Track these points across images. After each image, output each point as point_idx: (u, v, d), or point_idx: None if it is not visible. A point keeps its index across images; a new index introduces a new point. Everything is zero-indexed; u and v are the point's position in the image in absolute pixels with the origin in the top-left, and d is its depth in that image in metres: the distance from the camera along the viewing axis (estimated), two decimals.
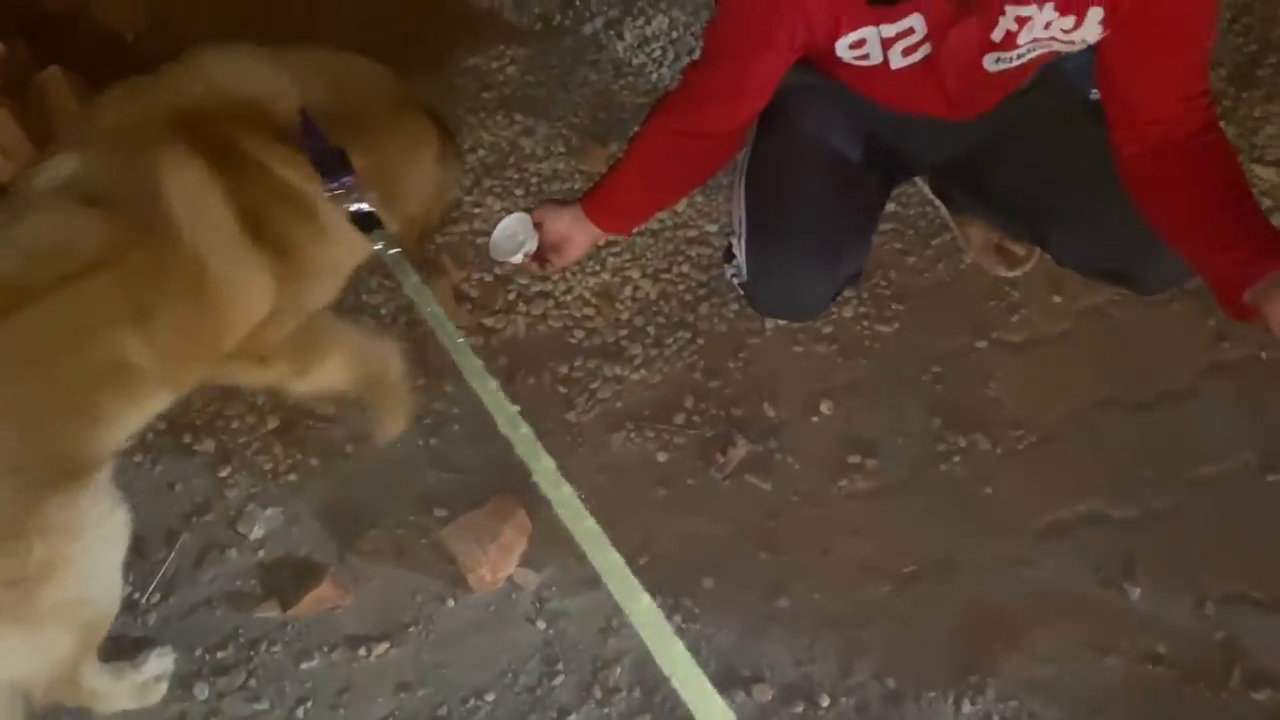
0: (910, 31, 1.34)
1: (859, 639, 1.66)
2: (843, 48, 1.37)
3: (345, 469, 1.93)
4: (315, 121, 1.49)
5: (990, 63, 1.38)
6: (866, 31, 1.34)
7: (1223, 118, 1.99)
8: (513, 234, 1.60)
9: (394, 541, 1.83)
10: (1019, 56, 1.36)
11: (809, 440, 1.87)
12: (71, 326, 1.33)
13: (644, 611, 0.87)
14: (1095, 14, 1.27)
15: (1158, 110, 1.33)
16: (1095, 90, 1.43)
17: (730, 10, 1.41)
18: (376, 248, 1.47)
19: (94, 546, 1.39)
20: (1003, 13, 1.28)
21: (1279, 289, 1.16)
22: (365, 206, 1.50)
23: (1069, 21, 1.29)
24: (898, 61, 1.38)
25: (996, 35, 1.31)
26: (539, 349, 2.01)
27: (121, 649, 1.70)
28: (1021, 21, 1.29)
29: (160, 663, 1.71)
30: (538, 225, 1.61)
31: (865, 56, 1.38)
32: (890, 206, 2.08)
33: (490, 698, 1.66)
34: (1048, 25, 1.29)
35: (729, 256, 1.71)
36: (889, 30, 1.34)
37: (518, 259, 1.61)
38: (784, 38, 1.38)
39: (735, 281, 1.70)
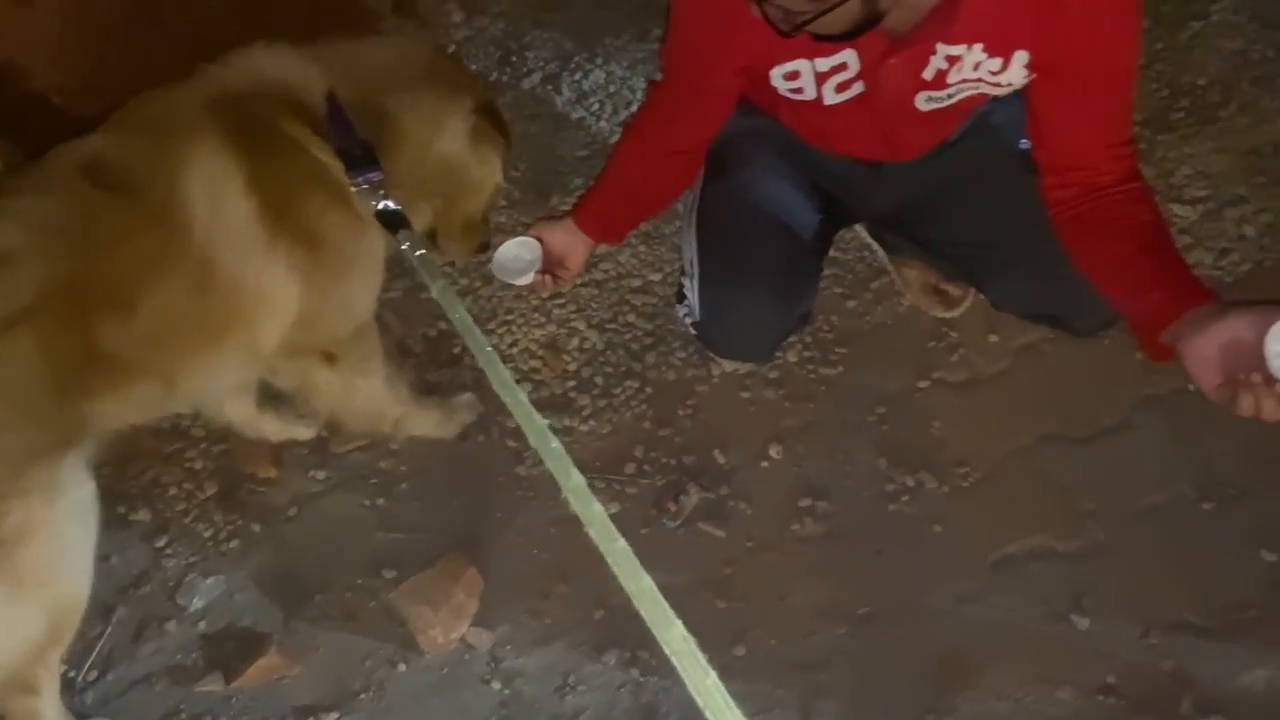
0: (843, 67, 1.37)
1: (818, 683, 1.66)
2: (777, 77, 1.41)
3: (289, 533, 1.89)
4: (344, 111, 1.49)
5: (922, 102, 1.42)
6: (800, 63, 1.38)
7: (1141, 160, 2.07)
8: (515, 256, 1.61)
9: (342, 605, 1.79)
10: (949, 96, 1.40)
11: (760, 485, 1.88)
12: (49, 306, 1.32)
13: (677, 639, 0.82)
14: (1021, 57, 1.32)
15: (1082, 157, 1.38)
16: (1025, 141, 1.49)
17: (678, 29, 1.45)
18: (403, 248, 1.46)
19: (68, 515, 1.40)
20: (934, 51, 1.32)
21: (1191, 329, 1.16)
22: (390, 204, 1.50)
23: (996, 63, 1.33)
24: (831, 97, 1.41)
25: (928, 74, 1.36)
26: (487, 403, 1.99)
27: None
28: (952, 61, 1.33)
29: None
30: (538, 243, 1.63)
31: (800, 90, 1.42)
32: (833, 252, 2.12)
33: None
34: (976, 66, 1.34)
35: (680, 298, 1.73)
36: (822, 64, 1.37)
37: (528, 278, 1.62)
38: (728, 56, 1.41)
39: (688, 322, 1.72)
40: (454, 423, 1.94)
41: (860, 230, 2.10)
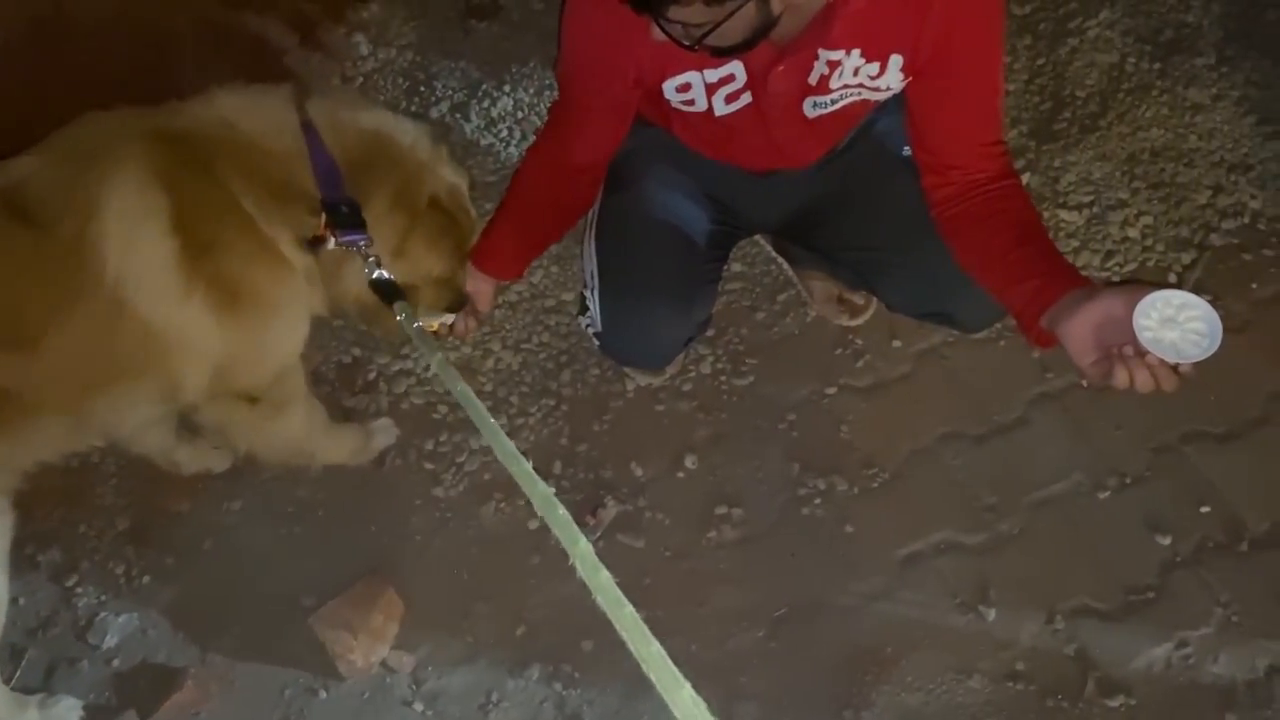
0: (731, 78, 1.43)
1: (738, 686, 1.69)
2: (670, 90, 1.45)
3: (204, 566, 1.86)
4: (333, 165, 1.44)
5: (809, 107, 1.47)
6: (691, 75, 1.43)
7: (1027, 169, 2.19)
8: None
9: (259, 636, 1.77)
10: (833, 102, 1.46)
11: (676, 495, 1.91)
12: None
13: (686, 702, 0.83)
14: (896, 61, 1.39)
15: (957, 155, 1.45)
16: (907, 148, 1.56)
17: (570, 47, 1.48)
18: (399, 318, 1.44)
19: None
20: (816, 57, 1.38)
21: (1067, 312, 1.22)
22: (384, 274, 1.48)
23: (874, 68, 1.40)
24: (721, 108, 1.47)
25: (812, 79, 1.41)
26: (403, 427, 1.99)
27: None
28: (833, 66, 1.39)
29: None
30: None
31: (691, 102, 1.47)
32: (736, 266, 2.17)
33: None
34: (856, 71, 1.40)
35: (583, 309, 1.76)
36: (712, 75, 1.42)
37: (437, 324, 1.65)
38: (621, 71, 1.45)
39: (590, 331, 1.75)
40: (371, 448, 1.94)
41: (765, 244, 2.16)
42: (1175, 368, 1.12)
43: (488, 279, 1.68)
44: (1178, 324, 1.11)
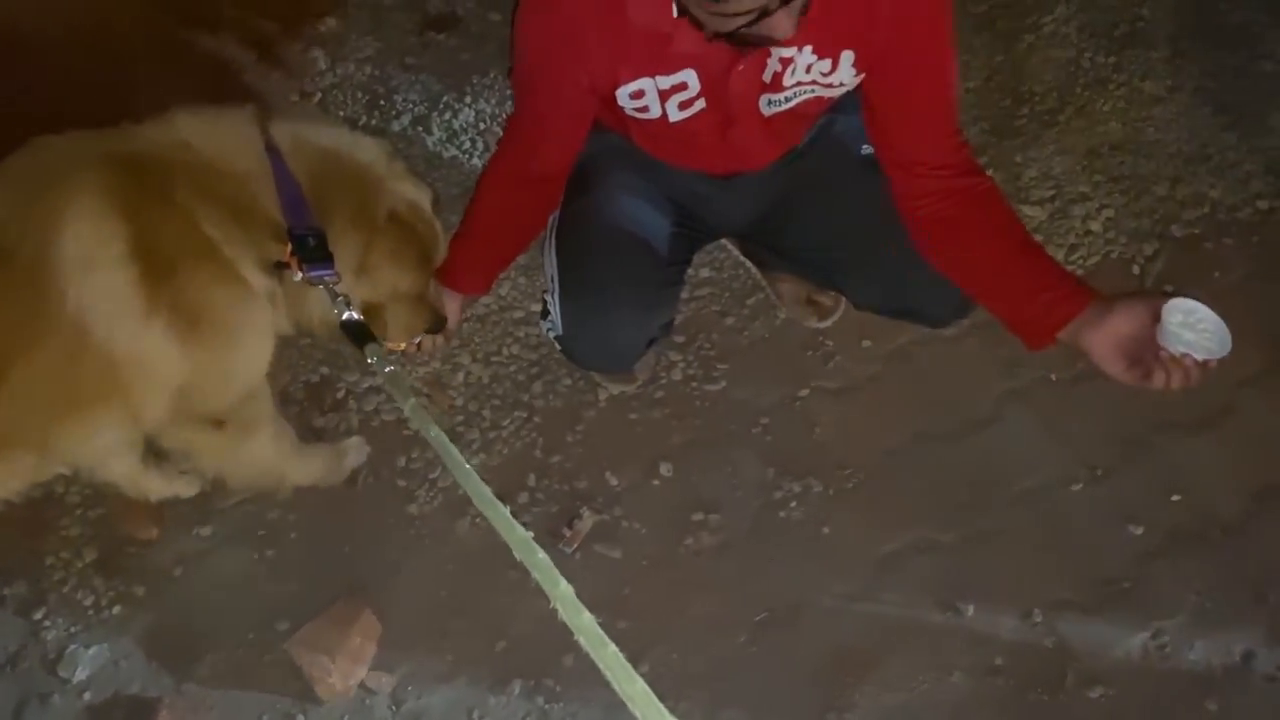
0: (684, 86, 1.43)
1: (722, 693, 1.69)
2: (623, 97, 1.45)
3: (175, 594, 1.83)
4: (298, 192, 1.42)
5: (765, 106, 1.48)
6: (644, 82, 1.42)
7: (989, 165, 2.20)
8: None
9: (235, 663, 1.74)
10: (788, 100, 1.46)
11: (653, 504, 1.90)
12: None
13: None
14: (848, 57, 1.40)
15: (918, 150, 1.46)
16: (866, 147, 1.57)
17: (524, 56, 1.47)
18: (370, 361, 1.42)
19: None
20: (769, 55, 1.38)
21: (1090, 327, 1.31)
22: (354, 315, 1.46)
23: (826, 64, 1.41)
24: (675, 114, 1.46)
25: (766, 77, 1.42)
26: (375, 444, 1.97)
27: None
28: (785, 63, 1.39)
29: None
30: None
31: (645, 109, 1.46)
32: (705, 272, 2.17)
33: None
34: (809, 68, 1.41)
35: (545, 313, 1.75)
36: (664, 82, 1.42)
37: (406, 344, 1.63)
38: (574, 79, 1.44)
39: (551, 335, 1.75)
40: (342, 468, 1.91)
41: (732, 249, 2.16)
42: (1204, 364, 1.24)
43: (454, 295, 1.67)
44: (1193, 328, 1.23)
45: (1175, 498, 1.81)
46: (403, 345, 1.66)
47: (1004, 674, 1.69)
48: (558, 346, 1.75)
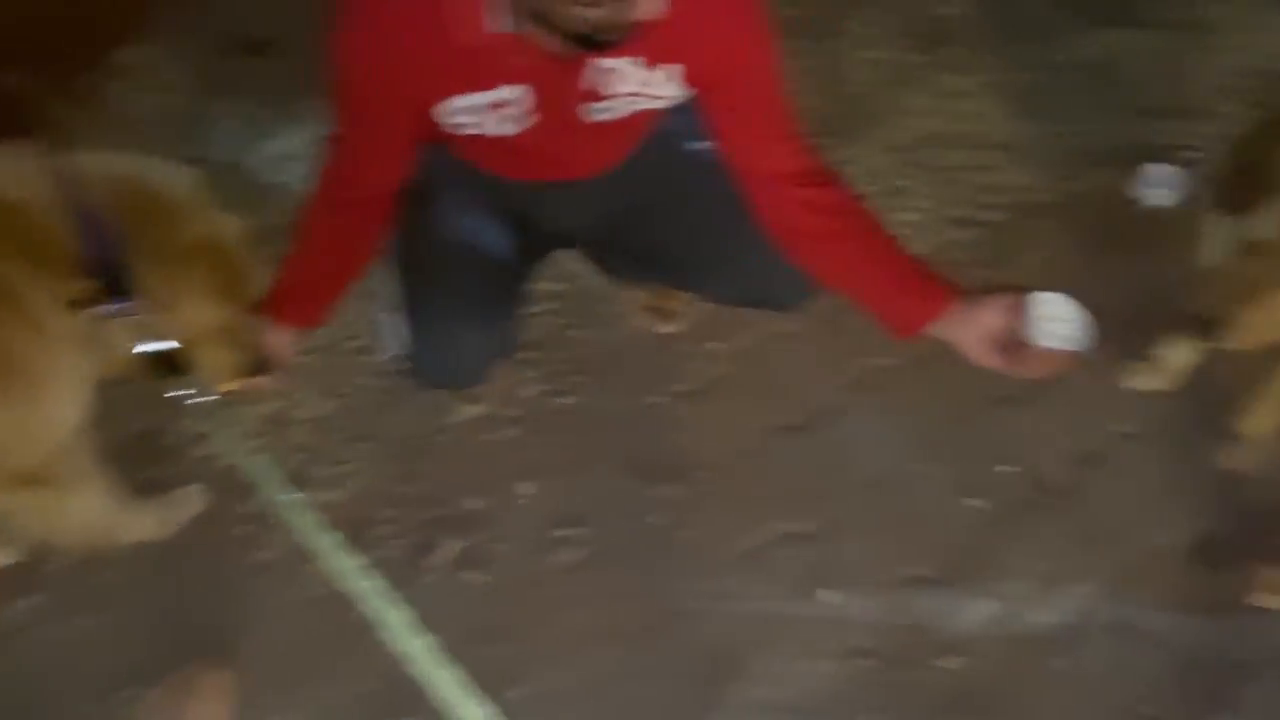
0: (509, 101, 1.41)
1: (600, 708, 1.68)
2: (448, 114, 1.42)
3: (3, 670, 1.69)
4: (96, 224, 1.32)
5: (593, 115, 1.47)
6: (468, 98, 1.40)
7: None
8: None
9: None
10: (615, 110, 1.47)
11: (516, 523, 1.88)
12: None
13: None
14: (675, 71, 1.41)
15: (764, 163, 1.49)
16: (699, 143, 1.59)
17: (340, 76, 1.42)
18: (173, 394, 1.33)
19: None
20: (596, 65, 1.38)
21: (958, 323, 1.39)
22: (163, 345, 1.36)
23: (654, 77, 1.41)
24: (503, 129, 1.44)
25: (593, 87, 1.41)
26: (212, 491, 1.87)
27: None
28: (611, 74, 1.39)
29: None
30: None
31: (470, 124, 1.44)
32: (552, 285, 2.16)
33: None
34: (638, 80, 1.41)
35: (384, 335, 1.70)
36: (489, 97, 1.40)
37: (236, 385, 1.55)
38: (392, 97, 1.40)
39: (390, 355, 1.70)
40: (178, 519, 1.81)
41: (578, 260, 2.16)
42: (1067, 354, 1.33)
43: (284, 328, 1.59)
44: (1058, 320, 1.31)
45: (1010, 468, 1.92)
46: (233, 385, 1.58)
47: (868, 655, 1.74)
48: (399, 366, 1.71)
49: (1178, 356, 1.89)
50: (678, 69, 1.41)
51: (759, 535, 1.87)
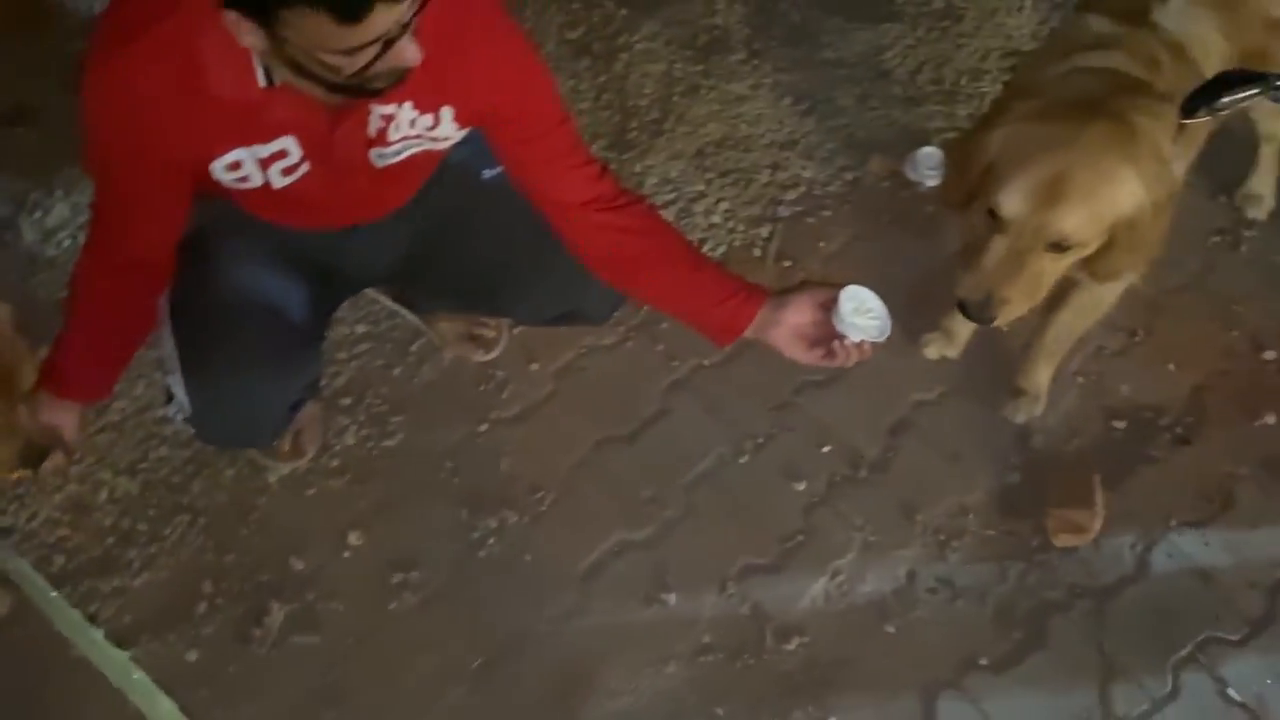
0: (284, 154, 1.38)
1: None
2: (219, 170, 1.38)
3: None
4: None
5: (375, 159, 1.46)
6: (239, 154, 1.36)
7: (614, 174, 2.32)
8: None
9: None
10: (396, 153, 1.45)
11: (347, 577, 1.84)
12: None
13: None
14: (448, 113, 1.41)
15: (560, 192, 1.50)
16: (488, 170, 1.61)
17: (97, 137, 1.35)
18: None
19: None
20: (370, 113, 1.37)
21: (768, 324, 1.45)
22: None
23: (429, 119, 1.41)
24: (279, 181, 1.41)
25: (371, 132, 1.40)
26: (15, 593, 1.74)
27: None
28: (388, 120, 1.38)
29: None
30: None
31: (245, 179, 1.40)
32: (360, 328, 2.12)
33: None
34: (412, 123, 1.41)
35: (169, 398, 1.62)
36: (263, 151, 1.36)
37: (19, 472, 1.44)
38: (158, 157, 1.35)
39: (180, 419, 1.62)
40: None
41: (382, 298, 2.13)
42: (873, 344, 1.41)
43: (69, 406, 1.50)
44: (863, 313, 1.38)
45: (826, 449, 2.00)
46: (18, 474, 1.47)
47: (713, 650, 1.78)
48: (190, 429, 1.63)
49: (961, 325, 2.02)
50: (450, 110, 1.41)
51: (598, 549, 1.89)
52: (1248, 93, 1.35)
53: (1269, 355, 2.10)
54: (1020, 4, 2.60)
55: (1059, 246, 1.46)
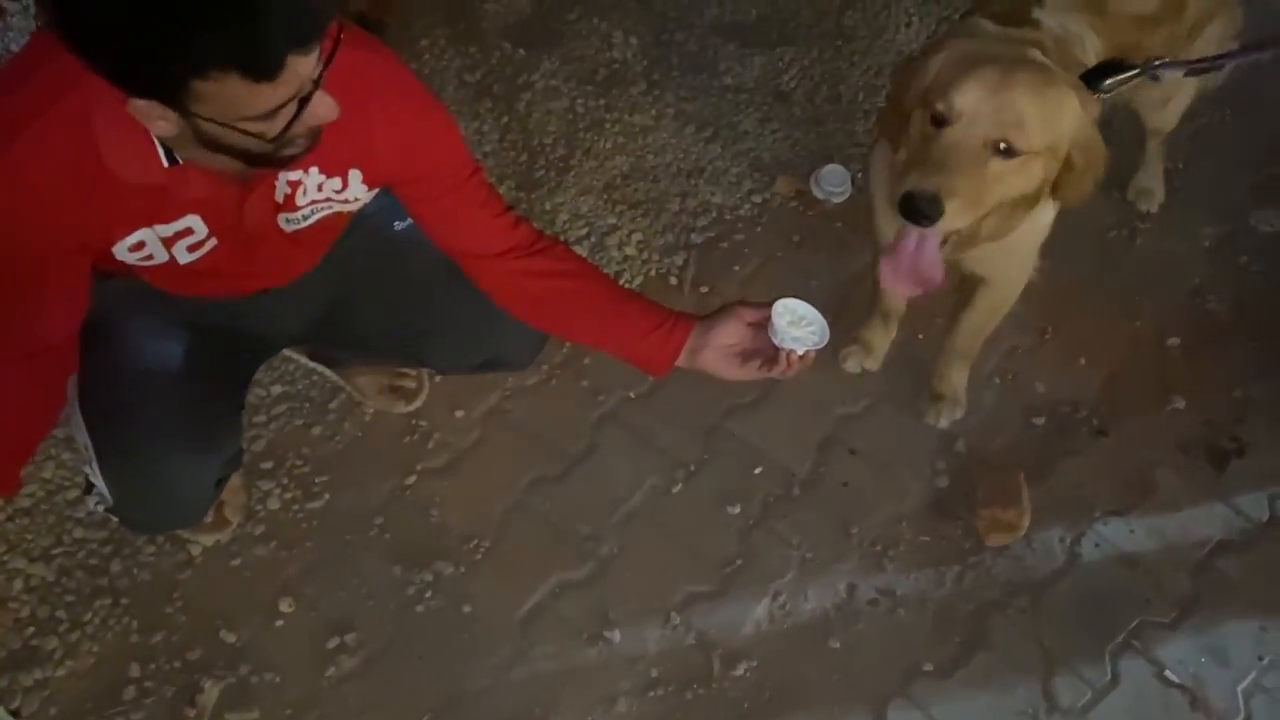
0: (189, 231, 1.35)
1: None
2: (122, 251, 1.34)
3: None
4: None
5: (284, 224, 1.43)
6: (142, 234, 1.33)
7: (528, 219, 2.31)
8: None
9: None
10: (305, 218, 1.43)
11: (281, 646, 1.79)
12: None
13: None
14: (356, 175, 1.40)
15: (475, 244, 1.49)
16: (399, 222, 1.59)
17: None
18: None
19: None
20: (277, 179, 1.35)
21: (697, 351, 1.46)
22: None
23: (337, 183, 1.39)
24: (185, 257, 1.38)
25: (279, 198, 1.38)
26: None
27: None
28: (294, 185, 1.36)
29: None
30: None
31: (150, 257, 1.36)
32: (277, 389, 2.08)
33: None
34: (320, 187, 1.39)
35: (89, 488, 1.57)
36: (165, 230, 1.33)
37: None
38: (53, 244, 1.30)
39: (102, 510, 1.57)
40: None
41: (298, 357, 2.08)
42: (804, 356, 1.42)
43: None
44: (799, 325, 1.39)
45: (758, 470, 2.01)
46: None
47: (661, 683, 1.77)
48: (114, 519, 1.58)
49: (877, 336, 2.06)
50: (357, 173, 1.39)
51: (538, 592, 1.87)
52: (1129, 74, 1.55)
53: (1172, 342, 2.18)
54: (908, 20, 2.67)
55: (1008, 151, 1.43)
